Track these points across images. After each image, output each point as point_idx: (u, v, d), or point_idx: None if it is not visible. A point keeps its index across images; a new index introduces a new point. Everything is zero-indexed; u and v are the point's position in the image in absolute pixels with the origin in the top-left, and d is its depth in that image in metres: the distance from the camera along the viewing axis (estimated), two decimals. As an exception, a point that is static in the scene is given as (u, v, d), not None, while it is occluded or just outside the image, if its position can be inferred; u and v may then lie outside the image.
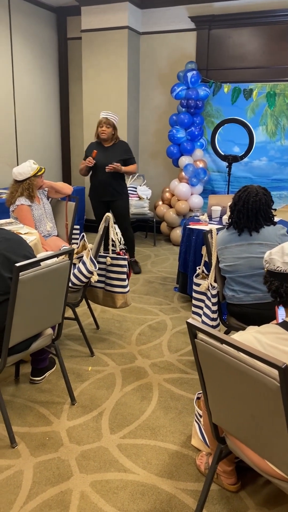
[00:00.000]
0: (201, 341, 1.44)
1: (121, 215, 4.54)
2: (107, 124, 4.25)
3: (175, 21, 5.71)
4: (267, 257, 1.57)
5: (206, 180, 5.67)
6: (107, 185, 4.37)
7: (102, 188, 4.39)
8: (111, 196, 4.43)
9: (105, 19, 5.61)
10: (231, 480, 1.90)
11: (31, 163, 3.38)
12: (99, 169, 4.30)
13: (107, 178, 4.34)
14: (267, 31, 5.28)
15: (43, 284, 2.10)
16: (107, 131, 4.25)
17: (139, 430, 2.28)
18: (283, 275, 1.49)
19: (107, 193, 4.41)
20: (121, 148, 4.38)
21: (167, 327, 3.47)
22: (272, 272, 1.54)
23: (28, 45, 5.74)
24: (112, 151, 4.33)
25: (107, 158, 4.28)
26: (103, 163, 4.26)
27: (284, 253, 1.50)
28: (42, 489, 1.90)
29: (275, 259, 1.52)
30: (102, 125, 4.26)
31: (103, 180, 4.35)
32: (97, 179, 4.38)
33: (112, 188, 4.40)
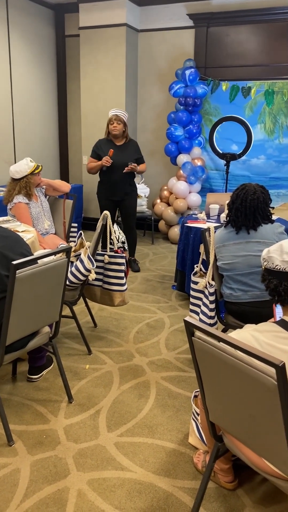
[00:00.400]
0: (198, 339, 1.44)
1: (130, 214, 4.54)
2: (118, 121, 4.22)
3: (173, 19, 5.69)
4: (265, 255, 1.56)
5: (204, 178, 5.66)
6: (120, 185, 4.35)
7: (115, 187, 4.36)
8: (123, 196, 4.42)
9: (103, 17, 5.59)
10: (228, 478, 1.90)
11: (28, 161, 3.37)
12: (113, 169, 4.25)
13: (121, 178, 4.32)
14: (265, 29, 5.27)
15: (40, 282, 2.09)
16: (119, 127, 4.22)
17: (136, 428, 2.28)
18: (281, 273, 1.49)
19: (120, 193, 4.39)
20: (134, 147, 4.38)
21: (165, 325, 3.47)
22: (270, 271, 1.53)
23: (26, 42, 5.72)
24: (126, 150, 4.31)
25: (122, 157, 4.25)
26: (118, 162, 4.22)
27: (283, 251, 1.50)
28: (39, 487, 1.90)
29: (273, 257, 1.52)
30: (113, 121, 4.22)
31: (116, 179, 4.32)
32: (110, 178, 4.33)
33: (125, 188, 4.38)
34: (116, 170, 4.27)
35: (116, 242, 3.21)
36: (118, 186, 4.35)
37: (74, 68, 6.39)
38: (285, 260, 1.48)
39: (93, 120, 6.03)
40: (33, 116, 6.04)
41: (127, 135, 4.35)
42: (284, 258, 1.49)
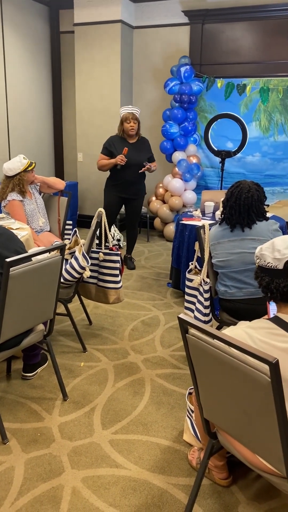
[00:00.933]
0: (192, 336, 1.43)
1: (136, 213, 4.53)
2: (135, 120, 4.15)
3: (168, 15, 5.68)
4: (258, 253, 1.56)
5: (199, 175, 5.66)
6: (133, 184, 4.32)
7: (127, 185, 4.31)
8: (134, 195, 4.38)
9: (98, 13, 5.57)
10: (222, 475, 1.90)
11: (21, 158, 3.36)
12: (127, 167, 4.19)
13: (134, 177, 4.28)
14: (260, 26, 5.26)
15: (34, 279, 2.08)
16: (135, 126, 4.16)
17: (131, 425, 2.28)
18: (273, 270, 1.49)
19: (132, 191, 4.36)
20: (146, 146, 4.34)
21: (160, 323, 3.47)
22: (263, 268, 1.54)
23: (20, 39, 5.68)
24: (140, 149, 4.27)
25: (136, 156, 4.21)
26: (133, 161, 4.18)
27: (275, 248, 1.50)
28: (33, 485, 1.89)
29: (265, 255, 1.52)
30: (129, 120, 4.14)
31: (130, 178, 4.28)
32: (123, 176, 4.27)
33: (137, 186, 4.36)
34: (130, 169, 4.21)
35: (111, 240, 3.21)
36: (131, 184, 4.31)
37: (69, 64, 6.36)
38: (277, 257, 1.49)
39: (88, 116, 6.01)
40: (27, 113, 6.01)
41: (139, 132, 4.30)
42: (276, 255, 1.49)
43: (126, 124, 4.17)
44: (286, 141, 5.36)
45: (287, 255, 1.47)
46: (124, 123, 4.18)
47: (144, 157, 4.26)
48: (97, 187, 6.25)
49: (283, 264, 1.47)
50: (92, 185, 6.28)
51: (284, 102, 5.27)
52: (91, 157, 6.14)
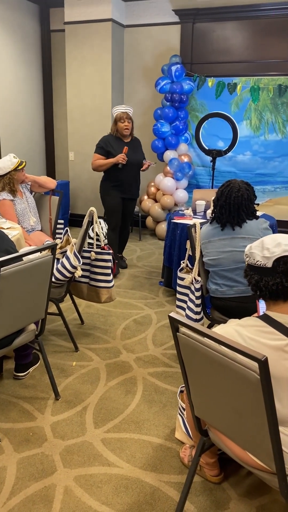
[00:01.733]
0: (183, 334, 1.44)
1: (131, 214, 4.51)
2: (129, 119, 4.11)
3: (159, 14, 5.68)
4: (248, 251, 1.58)
5: (190, 174, 5.67)
6: (133, 183, 4.30)
7: (128, 185, 4.27)
8: (133, 195, 4.36)
9: (88, 12, 5.55)
10: (213, 472, 1.92)
11: (11, 157, 3.34)
12: (127, 166, 4.13)
13: (133, 176, 4.26)
14: (251, 25, 5.28)
15: (25, 279, 2.08)
16: (130, 125, 4.12)
17: (123, 424, 2.29)
18: (262, 269, 1.50)
19: (131, 192, 4.33)
20: (139, 145, 4.33)
21: (152, 321, 3.48)
22: (252, 266, 1.55)
23: (11, 37, 5.65)
24: (136, 148, 4.25)
25: (134, 155, 4.19)
26: (131, 160, 4.14)
27: (264, 247, 1.51)
28: (25, 485, 1.90)
29: (255, 253, 1.53)
30: (124, 120, 4.08)
31: (129, 178, 4.23)
32: (122, 176, 4.19)
33: (136, 186, 4.36)
34: (128, 168, 4.15)
35: (103, 239, 3.21)
36: (129, 184, 4.27)
37: (59, 63, 6.34)
38: (266, 256, 1.50)
39: (79, 115, 6.00)
40: (18, 111, 5.98)
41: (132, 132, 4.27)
42: (265, 254, 1.50)
43: (120, 124, 4.10)
44: (277, 140, 5.40)
45: (276, 253, 1.49)
46: (119, 122, 4.11)
47: (141, 156, 4.27)
48: (89, 186, 6.24)
49: (272, 263, 1.49)
50: (84, 184, 6.27)
51: (275, 101, 5.30)
52: (82, 156, 6.13)
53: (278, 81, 5.21)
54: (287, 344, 1.39)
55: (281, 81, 5.20)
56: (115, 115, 4.16)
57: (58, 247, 2.99)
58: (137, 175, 4.33)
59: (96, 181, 6.13)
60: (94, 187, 6.20)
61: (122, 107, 4.16)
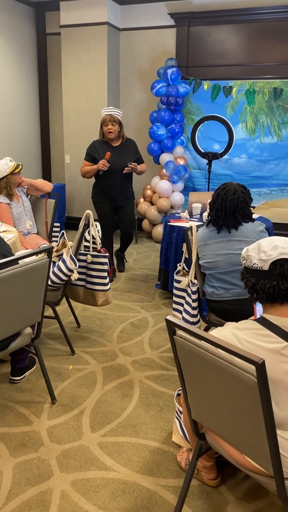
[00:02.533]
0: (180, 337, 1.44)
1: (128, 219, 4.26)
2: (113, 122, 3.86)
3: (154, 18, 5.69)
4: (244, 254, 1.58)
5: (186, 177, 5.68)
6: (119, 189, 4.06)
7: (113, 192, 4.06)
8: (122, 201, 4.14)
9: (84, 15, 5.56)
10: (211, 475, 1.91)
11: (7, 160, 3.33)
12: (111, 172, 3.95)
13: (119, 182, 4.02)
14: (246, 29, 5.31)
15: (21, 282, 2.07)
16: (114, 129, 3.88)
17: (120, 427, 2.28)
18: (259, 271, 1.50)
19: (119, 198, 4.10)
20: (131, 148, 4.07)
21: (148, 324, 3.47)
22: (249, 269, 1.55)
23: (6, 40, 5.65)
24: (124, 152, 4.00)
25: (120, 159, 3.94)
26: (116, 165, 3.92)
27: (261, 250, 1.51)
28: (22, 490, 1.88)
29: (251, 256, 1.53)
30: (107, 123, 3.87)
31: (115, 183, 4.01)
32: (108, 182, 4.01)
33: (124, 192, 4.11)
34: (114, 174, 3.96)
35: (100, 242, 3.20)
36: (117, 190, 4.05)
37: (55, 66, 6.34)
38: (262, 258, 1.50)
39: (75, 118, 6.00)
40: (14, 114, 5.97)
41: (124, 134, 4.03)
42: (261, 256, 1.50)
43: (104, 127, 3.90)
44: (272, 142, 5.41)
45: (272, 256, 1.49)
46: (103, 126, 3.92)
47: (128, 160, 3.98)
48: (85, 189, 6.24)
49: (268, 265, 1.49)
50: (80, 187, 6.26)
51: (270, 104, 5.32)
52: (78, 158, 6.13)
53: (274, 84, 5.24)
54: (284, 347, 1.39)
55: (276, 84, 5.23)
56: (102, 118, 3.95)
57: (55, 250, 2.99)
58: (126, 181, 4.09)
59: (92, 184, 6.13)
60: (90, 190, 6.18)
61: (108, 109, 3.92)
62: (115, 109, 3.93)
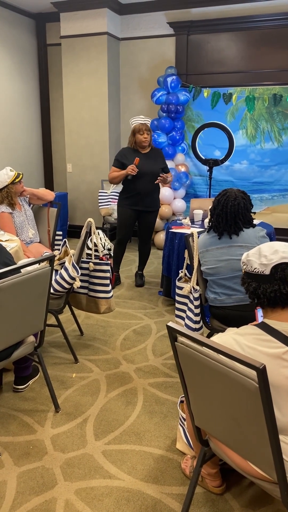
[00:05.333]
0: (181, 344, 1.44)
1: (149, 228, 4.29)
2: (148, 130, 3.96)
3: (154, 27, 5.75)
4: (245, 259, 1.58)
5: (188, 184, 5.70)
6: (148, 195, 4.11)
7: (141, 197, 4.10)
8: (149, 207, 4.17)
9: (84, 25, 5.63)
10: (215, 483, 1.90)
11: (8, 170, 3.36)
12: (140, 177, 4.00)
13: (148, 187, 4.07)
14: (245, 36, 5.35)
15: (23, 291, 2.08)
16: (148, 137, 3.99)
17: (124, 435, 2.27)
18: (260, 276, 1.51)
19: (146, 203, 4.13)
20: (159, 156, 4.16)
21: (152, 331, 3.47)
22: (249, 274, 1.55)
23: (8, 52, 5.72)
24: (152, 158, 4.07)
25: (149, 165, 4.02)
26: (145, 170, 3.98)
27: (261, 254, 1.52)
28: (26, 499, 1.88)
29: (252, 261, 1.53)
30: (142, 132, 3.96)
31: (143, 189, 4.06)
32: (136, 187, 4.06)
33: (152, 198, 4.16)
34: (143, 179, 4.02)
35: (102, 249, 3.21)
36: (145, 196, 4.10)
37: (56, 76, 6.41)
38: (263, 263, 1.50)
39: (76, 127, 6.05)
40: (16, 124, 6.03)
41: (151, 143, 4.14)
42: (262, 261, 1.51)
43: (139, 136, 3.97)
44: (273, 148, 5.43)
45: (273, 260, 1.49)
46: (137, 134, 3.98)
47: (157, 167, 4.08)
48: (87, 197, 6.27)
49: (269, 270, 1.49)
50: (82, 195, 6.29)
51: (270, 110, 5.35)
52: (80, 167, 6.17)
53: (273, 91, 5.27)
54: (285, 352, 1.39)
55: (276, 90, 5.26)
56: (133, 126, 4.02)
57: (57, 259, 3.00)
58: (154, 187, 4.13)
59: (94, 192, 6.17)
60: (93, 198, 6.22)
61: (140, 118, 4.01)
62: (146, 118, 4.03)
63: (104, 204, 5.74)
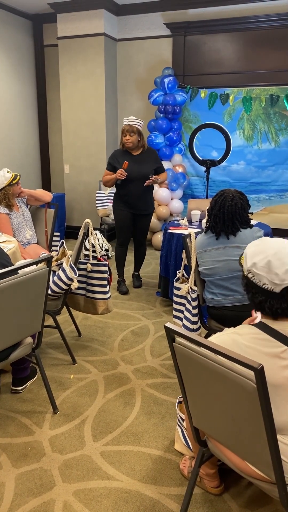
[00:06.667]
0: (179, 344, 1.44)
1: (143, 230, 4.26)
2: (131, 132, 3.88)
3: (150, 28, 5.76)
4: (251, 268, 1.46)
5: (185, 184, 5.71)
6: (139, 199, 4.05)
7: (133, 201, 4.05)
8: (142, 210, 4.13)
9: (81, 26, 5.63)
10: (214, 483, 1.90)
11: (5, 172, 3.35)
12: (130, 181, 3.95)
13: (139, 191, 4.01)
14: (241, 37, 5.36)
15: (21, 292, 2.08)
16: (132, 139, 3.89)
17: (122, 436, 2.27)
18: (269, 292, 1.44)
19: (138, 207, 4.09)
20: (152, 157, 4.05)
21: (150, 332, 3.47)
22: (256, 286, 1.47)
23: (5, 53, 5.71)
24: (144, 161, 3.99)
25: (139, 169, 3.94)
26: (136, 174, 3.93)
27: (272, 270, 1.41)
28: (24, 501, 1.87)
29: (261, 275, 1.43)
30: (125, 133, 3.90)
31: (134, 192, 4.01)
32: (127, 191, 4.02)
33: (144, 201, 4.11)
34: (133, 183, 3.96)
35: (99, 250, 3.21)
36: (136, 199, 4.05)
37: (53, 77, 6.40)
38: (275, 282, 1.41)
39: (74, 128, 6.05)
40: (12, 125, 6.02)
41: (144, 144, 4.03)
42: (273, 279, 1.41)
43: (123, 138, 3.94)
44: (270, 149, 5.44)
45: (286, 281, 1.40)
46: (122, 136, 3.97)
47: (148, 169, 3.98)
48: (85, 198, 6.27)
49: (281, 289, 1.42)
50: (80, 196, 6.29)
51: (267, 111, 5.36)
52: (77, 168, 6.17)
53: (270, 91, 5.28)
54: (283, 351, 1.39)
55: (272, 91, 5.27)
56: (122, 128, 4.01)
57: (54, 260, 3.00)
58: (146, 189, 4.05)
59: (91, 193, 6.17)
60: (90, 199, 6.22)
61: (128, 119, 3.95)
62: (135, 119, 3.95)
63: (102, 205, 5.74)
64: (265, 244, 1.47)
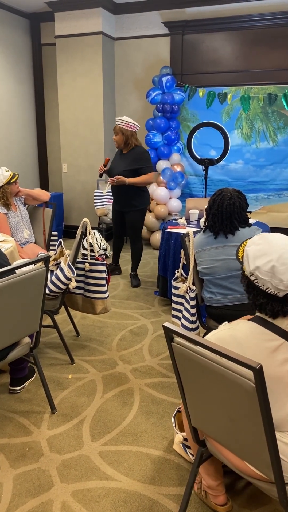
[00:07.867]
0: (177, 344, 1.44)
1: (131, 227, 4.33)
2: (116, 132, 4.06)
3: (148, 27, 5.74)
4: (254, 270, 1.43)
5: (183, 183, 5.70)
6: (120, 195, 4.21)
7: (117, 197, 4.26)
8: (124, 207, 4.25)
9: (79, 25, 5.61)
10: (219, 499, 1.78)
11: (3, 170, 3.34)
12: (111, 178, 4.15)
13: (118, 188, 4.14)
14: (239, 36, 5.36)
15: (18, 292, 2.07)
16: (116, 138, 4.09)
17: (121, 436, 2.26)
18: (271, 296, 1.43)
19: (121, 203, 4.26)
20: (133, 157, 4.09)
21: (148, 332, 3.46)
22: (258, 288, 1.45)
23: (2, 52, 5.69)
24: (127, 160, 4.10)
25: (117, 167, 4.10)
26: (113, 172, 4.10)
27: (276, 275, 1.38)
28: (22, 501, 1.86)
29: (264, 280, 1.40)
30: (113, 133, 4.12)
31: (114, 189, 4.23)
32: (113, 188, 4.25)
33: (125, 199, 4.18)
34: None
35: (98, 250, 3.20)
36: (119, 196, 4.22)
37: (51, 76, 6.39)
38: (279, 288, 1.39)
39: (71, 127, 6.03)
40: (10, 125, 6.00)
41: (133, 143, 4.09)
42: (278, 285, 1.38)
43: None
44: (268, 147, 5.44)
45: None
46: None
47: (121, 168, 4.07)
48: (83, 197, 6.25)
49: (284, 294, 1.40)
50: (78, 195, 6.28)
51: (265, 110, 5.35)
52: (75, 167, 6.15)
53: (268, 90, 5.27)
54: (280, 344, 1.38)
55: (271, 90, 5.26)
56: None
57: (52, 259, 2.98)
58: (126, 187, 4.09)
59: (89, 192, 6.16)
60: (88, 198, 6.21)
61: (117, 119, 4.07)
62: (119, 119, 4.06)
63: (100, 204, 5.72)
64: (267, 244, 1.42)
